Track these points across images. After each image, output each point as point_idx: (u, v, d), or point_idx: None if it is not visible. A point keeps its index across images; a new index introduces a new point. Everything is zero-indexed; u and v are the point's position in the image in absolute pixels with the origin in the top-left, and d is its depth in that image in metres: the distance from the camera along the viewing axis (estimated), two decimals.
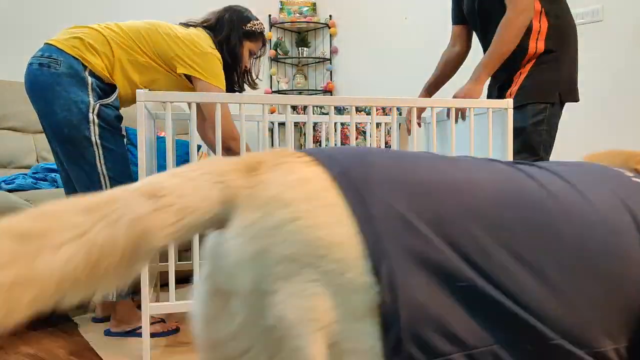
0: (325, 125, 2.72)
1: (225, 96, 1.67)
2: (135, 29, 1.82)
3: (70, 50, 1.70)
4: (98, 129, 1.71)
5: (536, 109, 1.94)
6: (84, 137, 1.69)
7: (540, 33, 1.98)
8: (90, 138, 1.70)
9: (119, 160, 1.76)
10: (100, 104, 1.72)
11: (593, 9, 3.13)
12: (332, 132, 1.81)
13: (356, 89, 4.49)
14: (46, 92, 1.67)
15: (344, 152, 0.68)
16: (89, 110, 1.69)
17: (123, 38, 1.79)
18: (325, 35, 4.70)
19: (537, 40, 1.98)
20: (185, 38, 1.84)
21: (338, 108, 3.77)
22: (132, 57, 1.79)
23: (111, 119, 1.76)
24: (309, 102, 1.74)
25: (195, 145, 1.65)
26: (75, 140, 1.69)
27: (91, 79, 1.72)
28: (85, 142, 1.69)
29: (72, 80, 1.68)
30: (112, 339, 1.83)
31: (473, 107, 1.88)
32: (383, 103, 1.78)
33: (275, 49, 4.60)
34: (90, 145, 1.70)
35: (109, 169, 1.74)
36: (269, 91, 4.56)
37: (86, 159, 1.71)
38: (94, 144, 1.70)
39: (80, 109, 1.68)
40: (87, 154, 1.70)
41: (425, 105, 1.83)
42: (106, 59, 1.75)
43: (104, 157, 1.72)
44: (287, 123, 1.75)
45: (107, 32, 1.78)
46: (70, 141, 1.70)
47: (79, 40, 1.72)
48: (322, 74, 4.78)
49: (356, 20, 4.48)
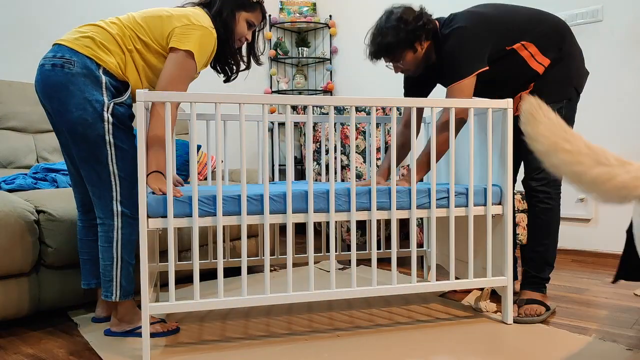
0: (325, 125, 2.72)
1: (225, 96, 1.67)
2: (133, 19, 1.81)
3: (83, 50, 1.71)
4: (112, 128, 1.72)
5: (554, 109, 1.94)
6: (98, 135, 1.70)
7: (533, 55, 2.01)
8: (105, 137, 1.71)
9: (129, 160, 1.77)
10: (115, 102, 1.73)
11: (593, 9, 3.13)
12: (332, 132, 1.81)
13: (356, 89, 4.49)
14: (60, 92, 1.68)
15: None
16: (104, 109, 1.70)
17: (126, 30, 1.79)
18: (325, 35, 4.70)
19: (536, 61, 2.02)
20: (179, 13, 1.82)
21: (338, 108, 3.77)
22: (139, 49, 1.80)
23: (125, 118, 1.77)
24: (309, 102, 1.74)
25: (195, 145, 1.65)
26: (90, 139, 1.70)
27: (105, 78, 1.73)
28: (100, 141, 1.70)
29: (87, 79, 1.69)
30: (112, 339, 1.83)
31: (473, 107, 1.88)
32: (383, 103, 1.78)
33: (275, 49, 4.60)
34: (104, 144, 1.71)
35: (120, 168, 1.75)
36: (268, 91, 4.56)
37: (99, 158, 1.72)
38: (108, 143, 1.72)
39: (95, 108, 1.69)
40: (100, 153, 1.71)
41: (425, 106, 1.83)
42: (118, 57, 1.76)
43: (115, 156, 1.73)
44: (287, 123, 1.75)
45: (114, 29, 1.78)
46: (85, 140, 1.70)
47: (91, 40, 1.73)
48: (322, 74, 4.78)
49: (356, 20, 4.48)
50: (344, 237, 3.33)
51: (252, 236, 2.96)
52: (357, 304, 2.24)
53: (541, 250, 2.06)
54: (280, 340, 1.81)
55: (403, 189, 1.87)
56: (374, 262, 1.84)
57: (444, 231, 2.48)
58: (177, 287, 2.50)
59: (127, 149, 1.77)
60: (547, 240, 2.05)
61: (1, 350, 1.76)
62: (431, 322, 1.98)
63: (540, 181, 2.02)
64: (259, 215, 1.74)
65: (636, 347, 1.70)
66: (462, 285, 1.94)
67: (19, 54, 3.03)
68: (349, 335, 1.85)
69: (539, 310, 1.99)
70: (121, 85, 1.79)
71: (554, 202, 2.03)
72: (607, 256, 3.13)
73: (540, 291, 2.08)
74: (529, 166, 2.05)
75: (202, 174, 3.26)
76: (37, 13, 3.11)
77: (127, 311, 1.85)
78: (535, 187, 2.03)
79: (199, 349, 1.73)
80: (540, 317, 1.97)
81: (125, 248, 1.80)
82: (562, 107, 2.00)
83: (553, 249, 2.07)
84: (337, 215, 1.81)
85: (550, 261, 2.08)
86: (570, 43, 2.05)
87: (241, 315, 2.11)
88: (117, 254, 1.79)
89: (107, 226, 1.77)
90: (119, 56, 1.77)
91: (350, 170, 2.24)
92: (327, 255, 2.46)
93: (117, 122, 1.73)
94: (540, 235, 2.06)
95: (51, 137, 2.84)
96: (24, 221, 1.88)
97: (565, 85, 2.03)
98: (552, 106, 1.92)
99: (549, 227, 2.05)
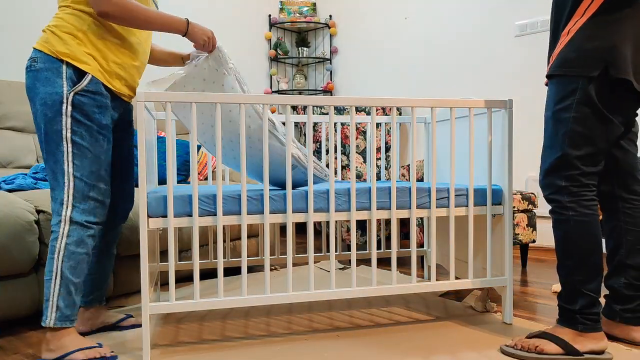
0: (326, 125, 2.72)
1: (225, 96, 1.67)
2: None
3: (41, 47, 1.61)
4: (71, 122, 1.58)
5: None
6: (56, 131, 1.58)
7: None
8: (62, 132, 1.58)
9: (88, 159, 1.61)
10: (75, 92, 1.58)
11: None
12: (332, 132, 1.81)
13: (356, 89, 4.50)
14: (30, 92, 1.62)
15: None
16: (63, 101, 1.58)
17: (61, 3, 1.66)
18: (325, 35, 4.70)
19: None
20: None
21: (338, 108, 3.77)
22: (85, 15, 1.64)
23: (90, 110, 1.61)
24: (309, 102, 1.75)
25: (195, 145, 1.65)
26: (49, 135, 1.58)
27: (65, 67, 1.59)
28: (57, 137, 1.58)
29: (48, 73, 1.59)
30: (112, 338, 1.83)
31: (473, 107, 1.88)
32: (383, 103, 1.78)
33: (275, 49, 4.60)
34: (61, 141, 1.58)
35: (76, 168, 1.60)
36: (269, 91, 4.56)
37: (56, 157, 1.59)
38: (64, 139, 1.58)
39: (55, 101, 1.57)
40: (58, 151, 1.58)
41: (425, 106, 1.83)
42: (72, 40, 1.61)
43: (72, 154, 1.59)
44: (287, 123, 1.75)
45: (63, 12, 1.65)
46: (46, 137, 1.59)
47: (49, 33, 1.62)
48: (322, 74, 4.78)
49: (356, 20, 4.48)
50: (344, 237, 3.33)
51: (252, 236, 2.96)
52: (357, 304, 2.24)
53: (564, 274, 1.62)
54: (280, 340, 1.82)
55: (403, 189, 1.88)
56: (374, 262, 1.85)
57: (444, 231, 2.48)
58: (177, 286, 2.50)
59: (86, 146, 1.60)
60: (570, 261, 1.59)
61: (1, 350, 1.76)
62: (431, 322, 1.98)
63: (546, 189, 1.65)
64: (259, 215, 1.74)
65: (636, 347, 1.70)
66: (462, 285, 1.94)
67: (18, 54, 3.03)
68: (349, 335, 1.85)
69: (543, 347, 1.58)
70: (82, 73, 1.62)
71: (572, 211, 1.58)
72: None
73: (572, 327, 1.58)
74: None
75: (202, 174, 3.26)
76: (37, 13, 3.11)
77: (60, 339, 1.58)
78: (546, 197, 1.65)
79: (199, 349, 1.73)
80: (536, 355, 1.58)
81: (67, 262, 1.57)
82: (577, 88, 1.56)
83: (584, 272, 1.57)
84: (337, 215, 1.81)
85: (580, 287, 1.57)
86: None
87: (241, 315, 2.11)
88: (57, 268, 1.56)
89: (54, 234, 1.58)
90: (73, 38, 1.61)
91: (350, 170, 2.24)
92: (327, 255, 2.46)
93: (79, 115, 1.59)
94: (561, 255, 1.62)
95: None
96: (24, 221, 1.88)
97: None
98: None
99: (567, 243, 1.60)
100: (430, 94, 4.00)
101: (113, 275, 2.24)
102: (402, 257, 3.25)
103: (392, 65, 4.24)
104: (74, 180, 1.59)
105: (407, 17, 4.13)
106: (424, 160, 2.88)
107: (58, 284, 1.56)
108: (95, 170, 1.63)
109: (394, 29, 4.21)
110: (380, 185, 1.89)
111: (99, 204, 1.66)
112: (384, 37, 4.29)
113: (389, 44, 4.26)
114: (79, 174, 1.60)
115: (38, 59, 1.60)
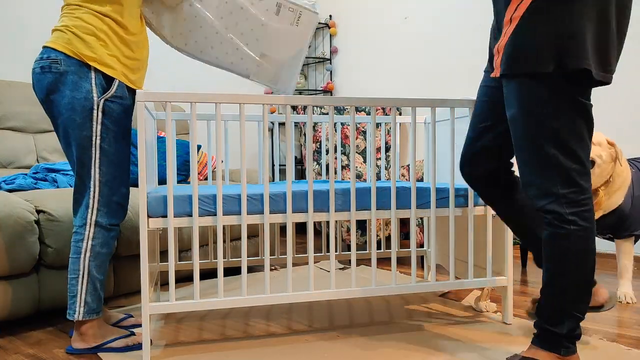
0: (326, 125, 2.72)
1: (225, 96, 1.67)
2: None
3: (63, 49, 1.61)
4: (101, 129, 1.65)
5: None
6: (85, 137, 1.63)
7: None
8: (92, 139, 1.64)
9: (113, 164, 1.69)
10: (105, 99, 1.64)
11: None
12: (332, 132, 1.81)
13: (356, 89, 4.50)
14: (52, 94, 1.63)
15: None
16: (94, 107, 1.63)
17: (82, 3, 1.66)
18: (325, 35, 4.71)
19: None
20: None
21: (338, 108, 3.77)
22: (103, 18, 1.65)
23: (119, 116, 1.68)
24: (309, 102, 1.75)
25: (196, 145, 1.65)
26: (78, 141, 1.64)
27: (94, 73, 1.64)
28: (86, 143, 1.64)
29: (75, 77, 1.62)
30: None
31: (473, 108, 1.88)
32: (383, 103, 1.78)
33: None
34: (90, 147, 1.64)
35: (103, 173, 1.67)
36: (269, 91, 4.56)
37: (83, 162, 1.65)
38: (94, 146, 1.64)
39: (84, 107, 1.62)
40: (86, 156, 1.65)
41: (425, 106, 1.83)
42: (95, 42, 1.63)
43: (100, 160, 1.66)
44: (287, 123, 1.75)
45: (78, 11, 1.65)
46: (74, 142, 1.64)
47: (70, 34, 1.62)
48: (322, 74, 4.78)
49: (356, 20, 4.48)
50: (344, 237, 3.33)
51: (252, 236, 2.96)
52: (357, 304, 2.24)
53: (552, 293, 1.42)
54: (280, 340, 1.82)
55: (403, 189, 1.88)
56: (374, 262, 1.85)
57: (444, 231, 2.48)
58: (177, 286, 2.50)
59: (112, 152, 1.68)
60: (564, 279, 1.39)
61: (1, 350, 1.76)
62: (431, 322, 1.98)
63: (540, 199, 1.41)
64: (259, 215, 1.74)
65: (636, 347, 1.70)
66: (462, 285, 1.94)
67: (18, 54, 3.03)
68: (349, 335, 1.85)
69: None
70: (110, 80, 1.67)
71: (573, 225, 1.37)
72: (607, 256, 3.13)
73: (555, 351, 1.40)
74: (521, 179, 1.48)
75: (202, 174, 3.26)
76: (37, 13, 3.11)
77: (91, 329, 1.72)
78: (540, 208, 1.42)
79: (199, 349, 1.73)
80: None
81: (94, 261, 1.68)
82: None
83: (577, 292, 1.40)
84: (337, 215, 1.81)
85: (570, 308, 1.40)
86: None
87: (241, 315, 2.11)
88: (84, 267, 1.67)
89: (78, 235, 1.68)
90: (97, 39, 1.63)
91: (350, 170, 2.24)
92: (327, 255, 2.46)
93: (108, 121, 1.65)
94: (553, 273, 1.41)
95: (51, 137, 2.84)
96: (24, 221, 1.88)
97: None
98: None
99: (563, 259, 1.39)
100: (430, 94, 4.00)
101: (113, 275, 2.24)
102: (402, 257, 3.25)
103: (392, 65, 4.24)
104: (99, 185, 1.67)
105: (407, 17, 4.13)
106: (424, 160, 2.88)
107: (86, 281, 1.68)
108: (118, 175, 1.72)
109: (394, 29, 4.21)
110: (380, 185, 1.89)
111: (120, 207, 1.74)
112: (384, 37, 4.28)
113: (389, 44, 4.25)
114: (104, 180, 1.68)
115: (61, 60, 1.62)
